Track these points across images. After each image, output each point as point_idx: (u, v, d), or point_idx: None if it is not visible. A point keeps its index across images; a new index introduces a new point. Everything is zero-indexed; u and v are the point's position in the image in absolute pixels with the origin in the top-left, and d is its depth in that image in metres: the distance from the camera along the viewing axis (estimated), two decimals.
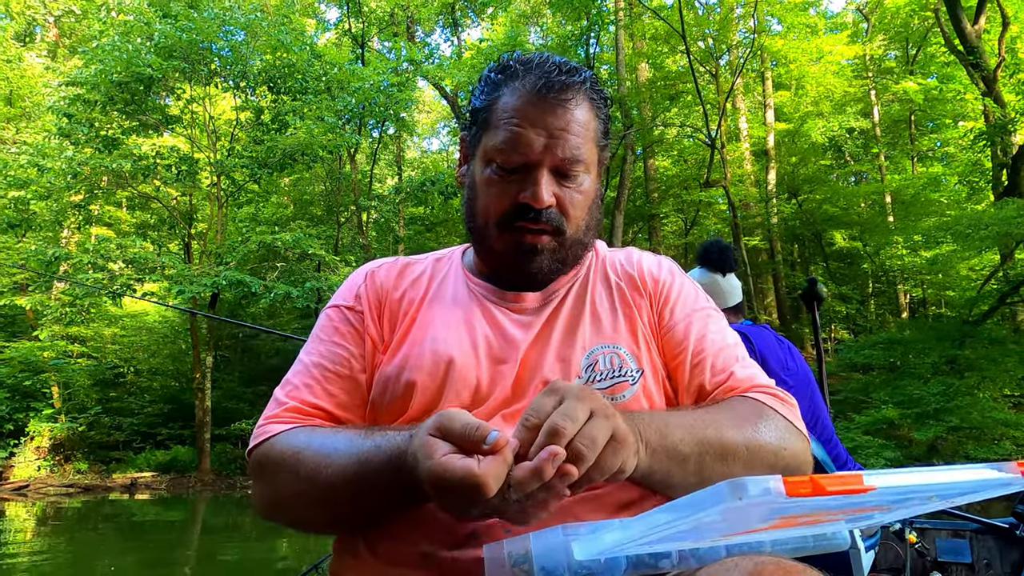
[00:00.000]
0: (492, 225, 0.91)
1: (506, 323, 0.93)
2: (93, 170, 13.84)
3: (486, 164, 0.91)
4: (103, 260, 13.55)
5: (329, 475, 0.78)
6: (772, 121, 18.67)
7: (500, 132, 0.88)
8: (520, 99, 0.88)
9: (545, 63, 0.90)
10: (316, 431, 0.86)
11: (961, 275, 15.88)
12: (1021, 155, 12.36)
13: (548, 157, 0.87)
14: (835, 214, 16.87)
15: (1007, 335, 12.60)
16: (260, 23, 13.91)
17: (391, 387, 0.89)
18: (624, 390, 0.86)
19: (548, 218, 0.89)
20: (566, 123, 0.88)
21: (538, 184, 0.87)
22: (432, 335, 0.91)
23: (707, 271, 2.38)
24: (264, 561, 7.78)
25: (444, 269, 1.02)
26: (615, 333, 0.91)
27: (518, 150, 0.87)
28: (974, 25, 13.36)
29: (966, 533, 2.17)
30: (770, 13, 16.90)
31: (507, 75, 0.91)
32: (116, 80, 13.33)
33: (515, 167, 0.88)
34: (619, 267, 1.00)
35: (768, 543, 0.61)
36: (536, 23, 23.67)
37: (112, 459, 15.37)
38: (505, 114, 0.89)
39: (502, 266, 0.95)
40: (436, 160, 25.60)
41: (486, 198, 0.91)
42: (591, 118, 0.91)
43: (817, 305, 2.53)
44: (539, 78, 0.88)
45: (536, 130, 0.87)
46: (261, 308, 16.02)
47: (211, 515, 11.87)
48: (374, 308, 0.97)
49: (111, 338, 17.75)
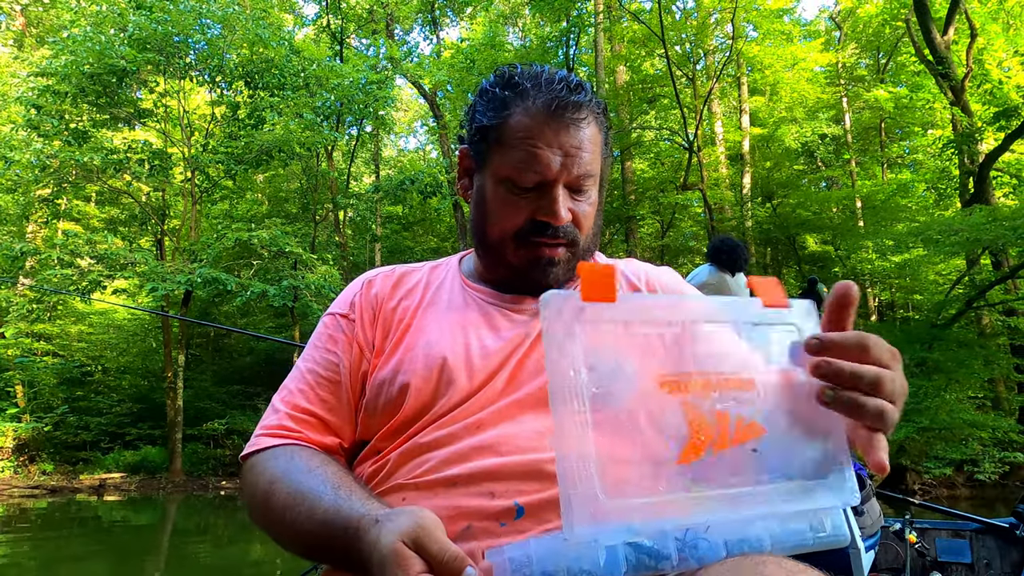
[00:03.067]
0: (509, 240, 0.94)
1: (503, 323, 0.94)
2: (62, 163, 13.50)
3: (499, 182, 0.93)
4: (71, 256, 13.22)
5: (293, 518, 0.79)
6: (747, 126, 18.93)
7: (516, 152, 0.90)
8: (534, 119, 0.90)
9: (553, 80, 0.92)
10: (295, 459, 0.86)
11: (928, 279, 16.27)
12: (987, 164, 12.69)
13: (563, 175, 0.90)
14: (808, 218, 17.17)
15: (973, 339, 12.94)
16: (238, 17, 13.68)
17: (385, 390, 0.91)
18: None
19: (564, 233, 0.92)
20: (579, 142, 0.91)
21: (556, 202, 0.90)
22: (426, 339, 0.93)
23: (716, 270, 2.36)
24: (237, 564, 7.67)
25: (441, 276, 1.04)
26: None
27: (535, 169, 0.90)
28: (943, 36, 13.70)
29: (966, 533, 2.20)
30: (746, 19, 17.13)
31: (516, 92, 0.93)
32: (88, 72, 13.01)
33: (530, 186, 0.91)
34: (620, 276, 1.03)
35: (768, 540, 0.62)
36: (514, 23, 23.68)
37: (79, 460, 15.00)
38: (519, 134, 0.90)
39: (516, 277, 0.97)
40: (414, 159, 25.47)
41: (502, 215, 0.94)
42: (598, 133, 0.94)
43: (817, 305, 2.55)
44: (551, 97, 0.90)
45: (552, 150, 0.89)
46: (234, 307, 15.76)
47: (183, 517, 11.65)
48: (367, 317, 0.99)
49: (78, 335, 17.34)
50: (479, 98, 0.98)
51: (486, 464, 0.81)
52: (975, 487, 11.31)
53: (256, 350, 18.44)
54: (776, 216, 17.14)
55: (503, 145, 0.92)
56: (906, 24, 15.90)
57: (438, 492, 0.81)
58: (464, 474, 0.81)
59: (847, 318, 0.64)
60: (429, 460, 0.84)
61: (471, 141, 0.99)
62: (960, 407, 11.44)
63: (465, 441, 0.84)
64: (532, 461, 0.80)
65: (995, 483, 11.10)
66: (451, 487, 0.80)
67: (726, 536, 0.61)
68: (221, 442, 15.40)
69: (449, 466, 0.82)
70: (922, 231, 11.93)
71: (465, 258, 1.08)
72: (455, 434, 0.85)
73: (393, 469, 0.86)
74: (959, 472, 11.43)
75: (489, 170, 0.95)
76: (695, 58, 19.23)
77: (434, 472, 0.82)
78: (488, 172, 0.95)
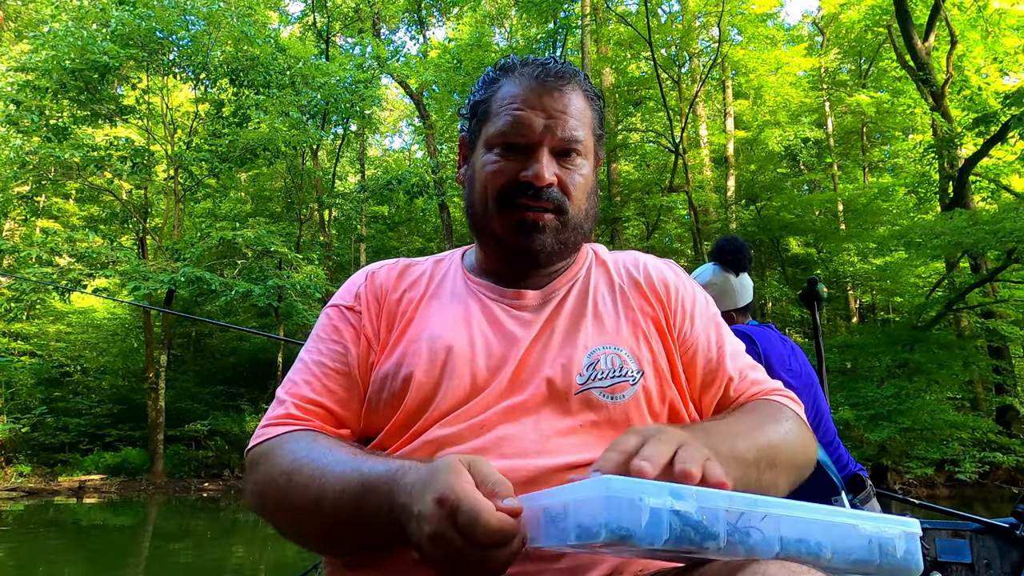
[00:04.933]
0: (492, 203, 0.92)
1: (505, 319, 0.93)
2: (42, 160, 13.27)
3: (487, 150, 0.93)
4: (51, 254, 13.00)
5: (321, 486, 0.77)
6: (732, 129, 19.08)
7: (501, 118, 0.91)
8: (519, 86, 0.92)
9: (541, 59, 0.95)
10: (318, 439, 0.85)
11: (909, 282, 16.51)
12: (967, 168, 12.91)
13: (548, 137, 0.90)
14: (791, 221, 17.35)
15: (953, 340, 13.16)
16: (223, 14, 13.54)
17: (389, 383, 0.90)
18: (624, 390, 0.87)
19: (549, 196, 0.90)
20: (564, 105, 0.91)
21: (539, 162, 0.89)
22: (429, 332, 0.92)
23: (720, 269, 2.36)
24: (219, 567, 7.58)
25: (443, 269, 1.03)
26: (617, 334, 0.92)
27: (519, 131, 0.90)
28: (924, 42, 13.92)
29: (966, 533, 2.20)
30: (731, 23, 17.27)
31: (505, 70, 0.96)
32: (69, 67, 12.80)
33: (517, 148, 0.91)
34: (623, 270, 1.02)
35: (829, 549, 0.57)
36: (500, 24, 23.69)
37: (57, 461, 14.72)
38: (505, 101, 0.92)
39: (504, 250, 0.95)
40: (399, 158, 25.37)
41: (488, 180, 0.93)
42: (586, 107, 0.95)
43: (818, 305, 2.56)
44: (537, 68, 0.93)
45: (535, 112, 0.90)
46: (217, 306, 15.59)
47: (164, 519, 11.49)
48: (372, 308, 0.98)
49: (56, 335, 17.05)
50: (476, 84, 1.01)
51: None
52: (954, 487, 11.49)
53: (239, 350, 18.24)
54: (760, 219, 17.29)
55: (490, 115, 0.94)
56: (888, 30, 16.13)
57: None
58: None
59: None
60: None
61: (465, 125, 1.01)
62: (941, 408, 11.62)
63: (469, 442, 0.83)
64: (535, 466, 0.80)
65: (974, 483, 11.28)
66: None
67: (783, 532, 0.56)
68: (203, 443, 15.20)
69: None
70: (905, 234, 12.11)
71: (468, 252, 1.07)
72: (460, 434, 0.84)
73: None
74: (940, 472, 11.61)
75: (480, 143, 0.96)
76: (680, 61, 19.37)
77: None
78: (479, 145, 0.96)
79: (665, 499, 0.53)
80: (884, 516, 0.60)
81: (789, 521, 0.57)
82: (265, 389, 16.32)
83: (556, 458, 0.81)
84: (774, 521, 0.56)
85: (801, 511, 0.57)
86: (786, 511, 0.57)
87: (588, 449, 0.82)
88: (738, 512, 0.55)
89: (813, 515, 0.57)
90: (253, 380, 17.02)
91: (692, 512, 0.54)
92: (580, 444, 0.83)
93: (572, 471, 0.80)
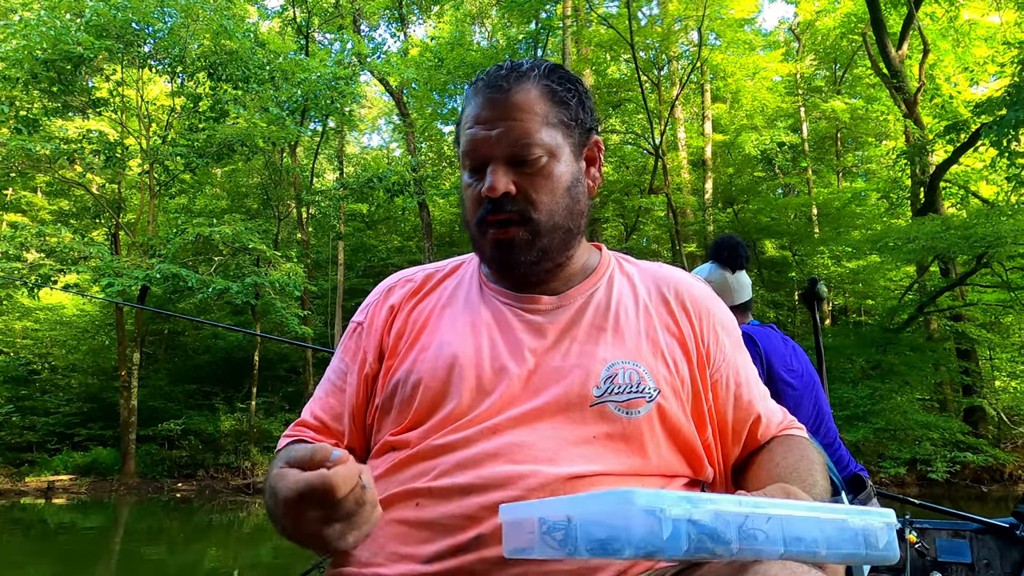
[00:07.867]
0: (473, 228, 0.94)
1: (517, 325, 0.93)
2: (10, 152, 12.92)
3: (464, 171, 0.95)
4: (19, 249, 12.66)
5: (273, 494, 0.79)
6: (710, 132, 19.28)
7: (464, 141, 0.93)
8: (474, 104, 0.92)
9: (497, 66, 0.94)
10: (290, 448, 0.88)
11: (880, 285, 16.84)
12: (938, 174, 13.21)
13: (498, 149, 0.89)
14: (767, 224, 17.59)
15: (923, 343, 13.45)
16: (201, 6, 13.31)
17: (400, 389, 0.91)
18: (640, 406, 0.86)
19: (511, 207, 0.89)
20: (507, 112, 0.89)
21: (491, 174, 0.89)
22: (440, 339, 0.93)
23: (718, 267, 2.37)
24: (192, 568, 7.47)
25: (461, 275, 1.03)
26: (637, 350, 0.90)
27: (475, 151, 0.91)
28: (898, 50, 14.20)
29: (966, 533, 2.22)
30: (710, 28, 17.45)
31: (473, 86, 0.95)
32: (41, 57, 12.47)
33: (478, 169, 0.92)
34: (652, 284, 1.00)
35: (824, 546, 0.60)
36: (481, 23, 23.65)
37: (24, 461, 14.36)
38: (466, 123, 0.93)
39: (493, 267, 0.97)
40: (377, 156, 25.19)
41: (465, 203, 0.96)
42: (541, 101, 0.91)
43: (817, 305, 2.58)
44: (487, 78, 0.92)
45: (485, 126, 0.90)
46: (192, 304, 15.32)
47: (135, 520, 11.28)
48: (379, 322, 0.99)
49: (23, 332, 16.64)
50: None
51: (498, 472, 0.80)
52: (924, 486, 11.74)
53: (213, 348, 17.94)
54: (737, 221, 17.51)
55: (460, 136, 0.95)
56: (863, 38, 16.42)
57: (452, 499, 0.80)
58: (478, 482, 0.80)
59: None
60: (441, 464, 0.83)
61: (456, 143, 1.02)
62: (912, 408, 11.86)
63: (480, 446, 0.83)
64: (546, 474, 0.79)
65: (944, 481, 11.55)
66: (465, 495, 0.80)
67: (785, 532, 0.58)
68: (177, 443, 14.92)
69: (462, 471, 0.81)
70: (880, 238, 12.33)
71: None
72: (471, 438, 0.84)
73: (407, 470, 0.86)
74: (911, 471, 11.86)
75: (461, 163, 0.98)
76: (660, 64, 19.52)
77: (447, 477, 0.82)
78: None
79: (684, 508, 0.54)
80: (866, 509, 0.62)
81: (789, 521, 0.59)
82: (240, 388, 16.06)
83: (567, 467, 0.80)
84: (778, 522, 0.58)
85: (798, 510, 0.59)
86: (786, 511, 0.59)
87: (598, 461, 0.82)
88: (744, 515, 0.57)
89: (808, 513, 0.60)
90: (228, 378, 16.76)
91: (707, 520, 0.55)
92: (591, 455, 0.82)
93: (581, 481, 0.80)
